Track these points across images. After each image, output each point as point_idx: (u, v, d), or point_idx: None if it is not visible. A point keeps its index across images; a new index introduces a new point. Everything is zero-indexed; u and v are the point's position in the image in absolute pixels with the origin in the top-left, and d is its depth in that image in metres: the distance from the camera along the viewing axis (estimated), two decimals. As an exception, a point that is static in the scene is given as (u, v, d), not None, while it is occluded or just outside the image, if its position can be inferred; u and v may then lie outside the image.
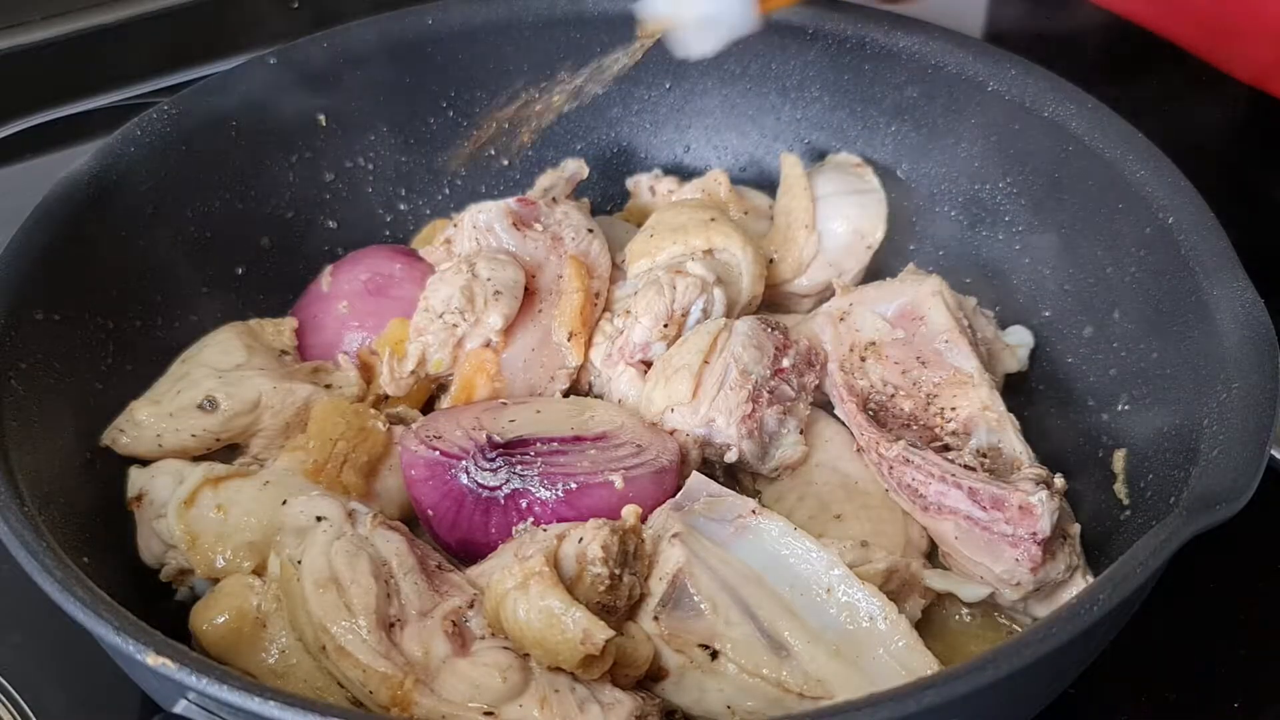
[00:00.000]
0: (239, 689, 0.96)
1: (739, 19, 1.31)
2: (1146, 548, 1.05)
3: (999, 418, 1.33)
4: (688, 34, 1.32)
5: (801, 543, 1.19)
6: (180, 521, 1.25)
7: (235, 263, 1.53)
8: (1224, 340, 1.23)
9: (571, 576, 1.14)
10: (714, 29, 1.31)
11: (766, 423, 1.33)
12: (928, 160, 1.60)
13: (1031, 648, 0.99)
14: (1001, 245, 1.56)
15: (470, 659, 1.10)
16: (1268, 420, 1.15)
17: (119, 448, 1.33)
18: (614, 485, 1.24)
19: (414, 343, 1.38)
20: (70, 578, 1.05)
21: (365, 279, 1.48)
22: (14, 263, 1.30)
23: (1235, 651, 1.34)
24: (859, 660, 1.13)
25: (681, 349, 1.35)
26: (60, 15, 2.02)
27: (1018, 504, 1.21)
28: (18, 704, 1.26)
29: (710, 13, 1.29)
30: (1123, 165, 1.40)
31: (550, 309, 1.40)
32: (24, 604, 1.20)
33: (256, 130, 1.53)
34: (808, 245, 1.53)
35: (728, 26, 1.31)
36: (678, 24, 1.31)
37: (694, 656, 1.15)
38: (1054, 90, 1.48)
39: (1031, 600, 1.26)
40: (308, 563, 1.15)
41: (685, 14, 1.29)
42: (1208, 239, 1.31)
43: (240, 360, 1.37)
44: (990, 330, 1.47)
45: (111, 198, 1.40)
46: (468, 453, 1.26)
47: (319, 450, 1.30)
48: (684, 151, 1.72)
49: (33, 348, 1.27)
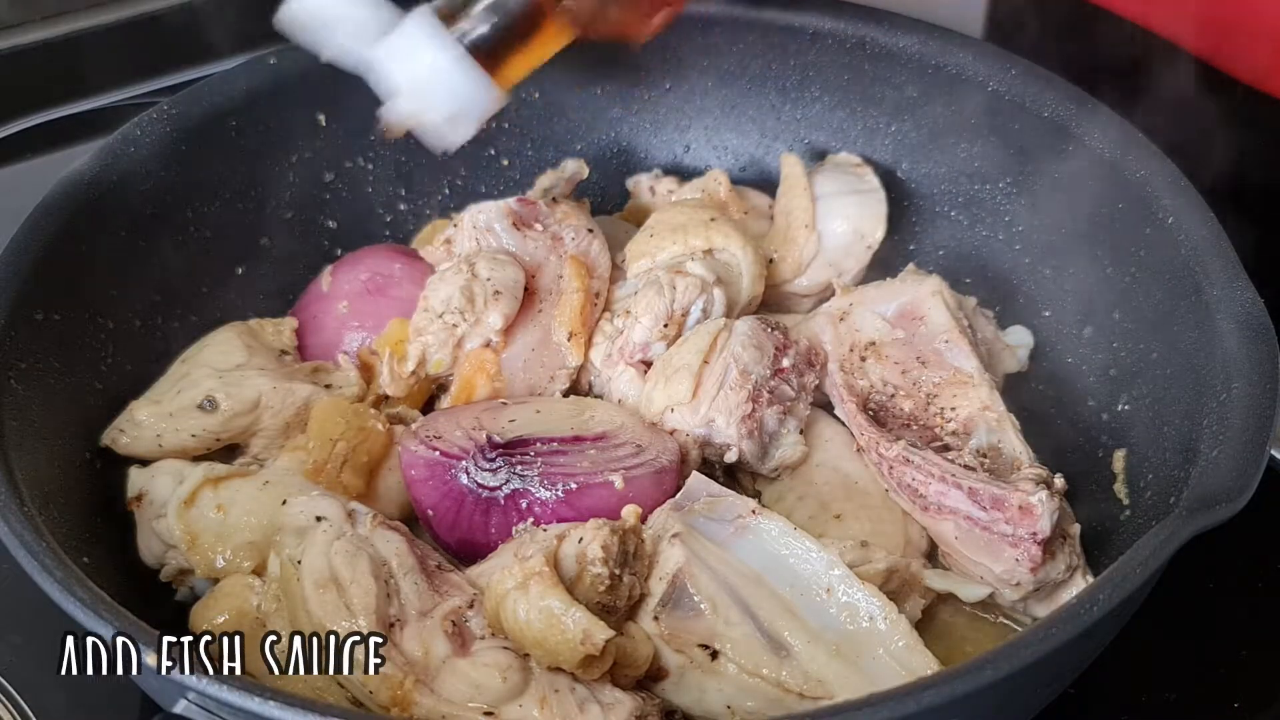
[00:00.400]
0: (239, 689, 0.96)
1: (486, 103, 1.28)
2: (1146, 548, 1.05)
3: (999, 418, 1.33)
4: (438, 129, 1.29)
5: (801, 543, 1.19)
6: (180, 521, 1.25)
7: (235, 263, 1.53)
8: (1224, 340, 1.23)
9: (571, 577, 1.14)
10: (464, 120, 1.28)
11: (766, 423, 1.33)
12: (928, 160, 1.60)
13: (1031, 648, 0.99)
14: (1001, 245, 1.56)
15: (470, 659, 1.10)
16: (1268, 420, 1.15)
17: (119, 448, 1.33)
18: (614, 485, 1.24)
19: (414, 343, 1.38)
20: (70, 578, 1.05)
21: (365, 279, 1.48)
22: (14, 263, 1.30)
23: (1235, 651, 1.34)
24: (859, 660, 1.13)
25: (681, 349, 1.35)
26: (60, 15, 2.01)
27: (1018, 504, 1.21)
28: (18, 704, 1.26)
29: (455, 109, 1.26)
30: (1123, 165, 1.40)
31: (550, 309, 1.40)
32: (24, 604, 1.20)
33: (256, 130, 1.53)
34: (808, 245, 1.53)
35: (476, 114, 1.28)
36: (424, 124, 1.28)
37: (694, 656, 1.15)
38: (1054, 90, 1.48)
39: (1031, 600, 1.26)
40: (308, 563, 1.15)
41: (430, 115, 1.27)
42: (1208, 239, 1.31)
43: (240, 360, 1.37)
44: (990, 330, 1.47)
45: (111, 198, 1.40)
46: (468, 453, 1.26)
47: (319, 450, 1.30)
48: (684, 151, 1.72)
49: (33, 348, 1.27)
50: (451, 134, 1.28)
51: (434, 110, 1.26)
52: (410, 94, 1.25)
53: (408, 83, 1.25)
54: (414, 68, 1.25)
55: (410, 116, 1.26)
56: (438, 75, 1.24)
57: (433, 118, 1.26)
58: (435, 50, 1.24)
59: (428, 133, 1.29)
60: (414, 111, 1.25)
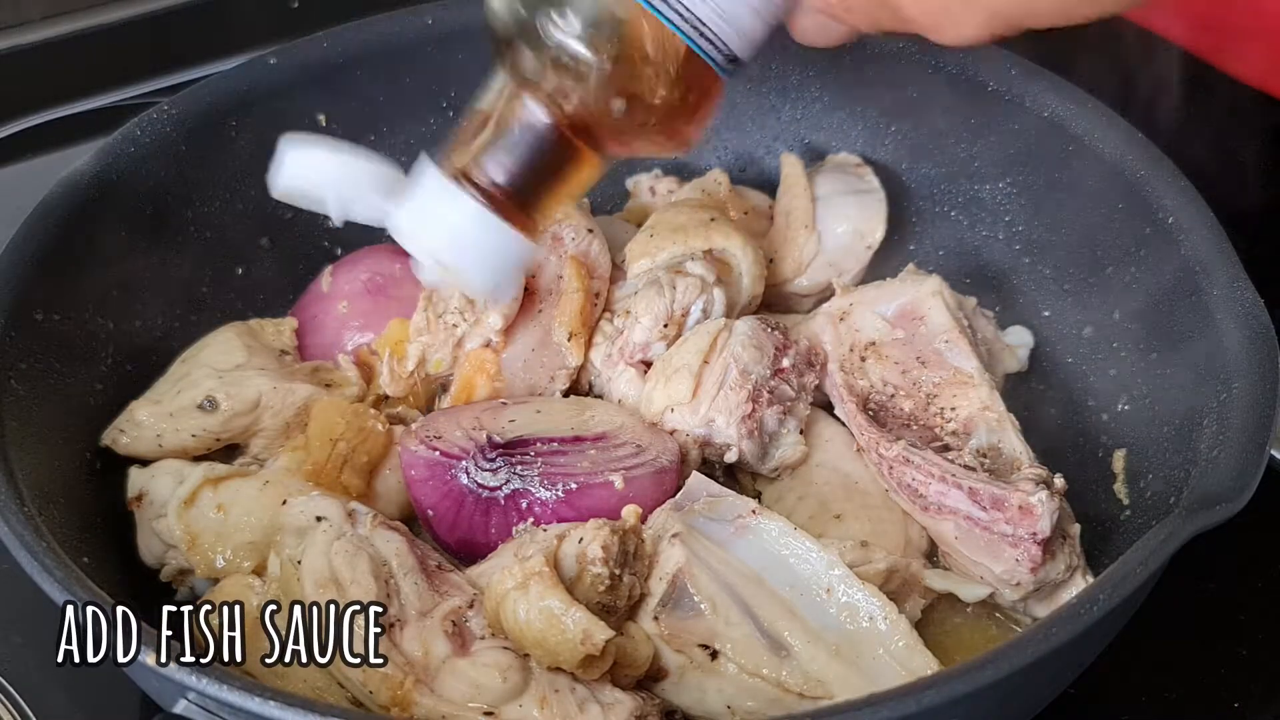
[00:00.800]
0: (239, 689, 0.96)
1: (517, 256, 1.19)
2: (1146, 548, 1.05)
3: (999, 418, 1.33)
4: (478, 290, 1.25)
5: (801, 543, 1.19)
6: (180, 521, 1.25)
7: (235, 263, 1.53)
8: (1224, 340, 1.23)
9: (571, 577, 1.14)
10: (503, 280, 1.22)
11: (766, 423, 1.33)
12: (928, 160, 1.60)
13: (1031, 648, 0.99)
14: (1001, 245, 1.56)
15: (470, 659, 1.10)
16: (1268, 420, 1.15)
17: (119, 448, 1.33)
18: (614, 485, 1.24)
19: (414, 343, 1.38)
20: (70, 578, 1.05)
21: (365, 279, 1.48)
22: (14, 263, 1.30)
23: (1235, 651, 1.34)
24: (859, 660, 1.13)
25: (681, 349, 1.35)
26: (60, 15, 2.01)
27: (1018, 504, 1.21)
28: (18, 704, 1.26)
29: (488, 270, 1.18)
30: (1123, 165, 1.40)
31: (550, 309, 1.40)
32: (24, 604, 1.20)
33: (256, 130, 1.53)
34: (808, 245, 1.53)
35: (511, 268, 1.21)
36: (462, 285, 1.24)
37: (694, 656, 1.15)
38: (1054, 90, 1.48)
39: (1031, 600, 1.26)
40: (308, 563, 1.15)
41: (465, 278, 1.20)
42: (1208, 239, 1.31)
43: (240, 360, 1.37)
44: (990, 330, 1.47)
45: (111, 198, 1.40)
46: (468, 453, 1.26)
47: (319, 450, 1.30)
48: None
49: (33, 348, 1.27)
50: (494, 288, 1.24)
51: (468, 271, 1.18)
52: (438, 261, 1.18)
53: (432, 247, 1.18)
54: (435, 231, 1.17)
55: (445, 277, 1.20)
56: (462, 238, 1.16)
57: (470, 278, 1.20)
58: (453, 212, 1.15)
59: (469, 290, 1.27)
60: (448, 274, 1.19)
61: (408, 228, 1.18)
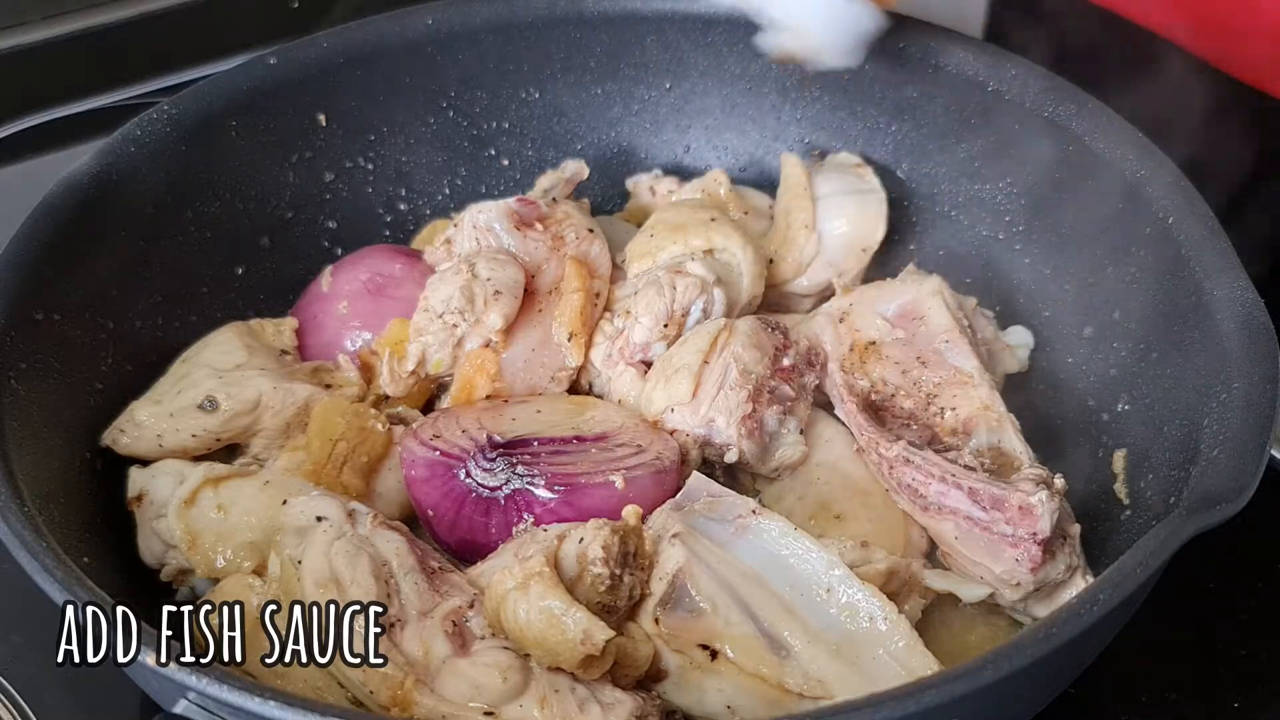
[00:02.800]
0: (239, 689, 0.96)
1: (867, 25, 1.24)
2: (1146, 548, 1.06)
3: (999, 418, 1.33)
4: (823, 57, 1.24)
5: (802, 543, 1.19)
6: (180, 521, 1.25)
7: (235, 263, 1.53)
8: (1224, 340, 1.23)
9: (572, 577, 1.14)
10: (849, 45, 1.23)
11: (766, 423, 1.33)
12: (928, 160, 1.60)
13: (1031, 648, 0.99)
14: (1001, 245, 1.56)
15: (470, 659, 1.10)
16: (1268, 420, 1.15)
17: (119, 448, 1.33)
18: (614, 485, 1.24)
19: (414, 343, 1.38)
20: (70, 578, 1.05)
21: (365, 279, 1.48)
22: (14, 263, 1.30)
23: (1235, 651, 1.34)
24: (859, 660, 1.13)
25: (681, 349, 1.36)
26: (60, 15, 2.02)
27: (1018, 504, 1.21)
28: (18, 704, 1.26)
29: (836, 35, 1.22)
30: (1123, 165, 1.40)
31: (550, 309, 1.40)
32: (24, 604, 1.20)
33: (256, 130, 1.53)
34: (808, 245, 1.53)
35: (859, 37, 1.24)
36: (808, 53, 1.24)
37: (694, 656, 1.15)
38: (1054, 90, 1.48)
39: (1031, 600, 1.26)
40: (308, 563, 1.15)
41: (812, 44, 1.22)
42: (1208, 239, 1.31)
43: (240, 360, 1.37)
44: (990, 330, 1.47)
45: (111, 198, 1.40)
46: (468, 453, 1.26)
47: (319, 450, 1.30)
48: (684, 151, 1.72)
49: (33, 348, 1.27)
50: (840, 60, 1.25)
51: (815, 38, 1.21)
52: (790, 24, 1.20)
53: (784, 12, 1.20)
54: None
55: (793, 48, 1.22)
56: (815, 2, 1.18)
57: (815, 45, 1.22)
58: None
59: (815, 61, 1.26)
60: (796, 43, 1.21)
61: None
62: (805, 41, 1.21)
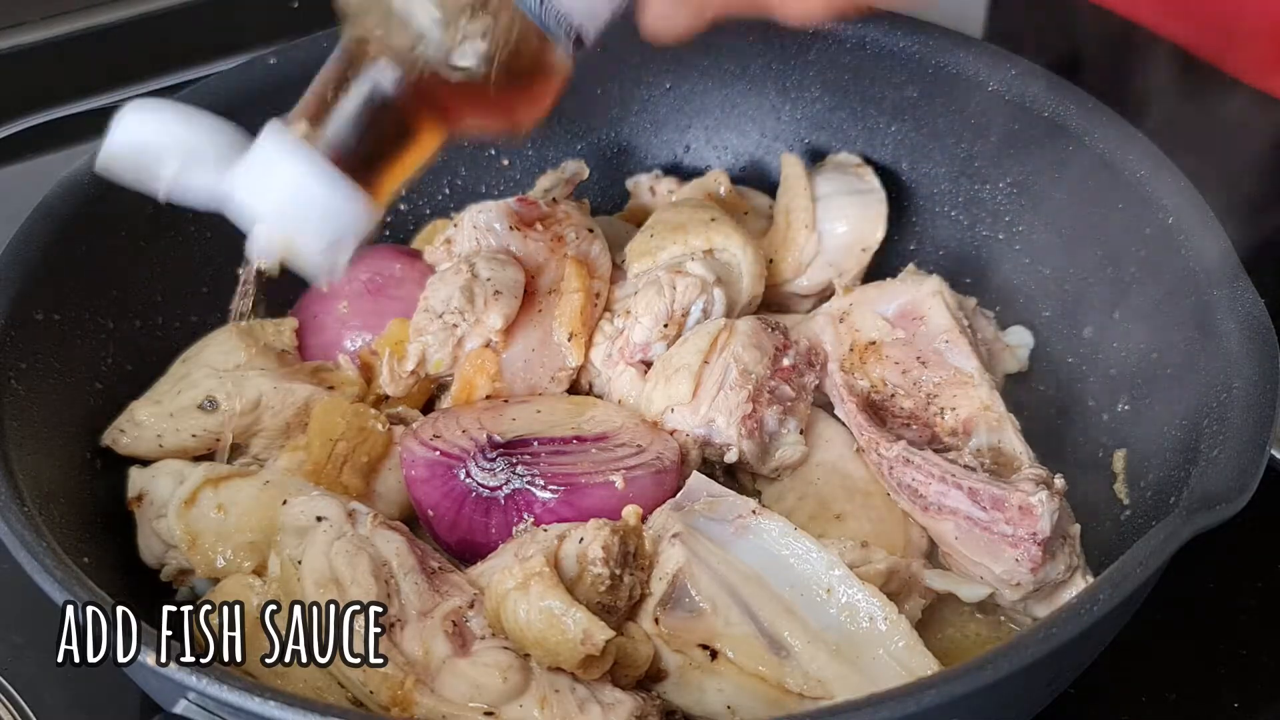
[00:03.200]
0: (239, 689, 0.96)
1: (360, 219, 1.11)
2: (1146, 548, 1.05)
3: (999, 418, 1.33)
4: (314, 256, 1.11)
5: (802, 543, 1.19)
6: (180, 521, 1.25)
7: (235, 263, 1.52)
8: (1224, 340, 1.23)
9: (572, 577, 1.14)
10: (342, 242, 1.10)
11: (767, 423, 1.33)
12: (928, 160, 1.60)
13: (1031, 648, 0.99)
14: (1002, 245, 1.55)
15: (470, 659, 1.10)
16: (1268, 420, 1.15)
17: (119, 448, 1.33)
18: (614, 485, 1.24)
19: (414, 343, 1.38)
20: (70, 578, 1.05)
21: (365, 279, 1.48)
22: (14, 263, 1.30)
23: (1235, 651, 1.34)
24: (859, 660, 1.13)
25: (681, 349, 1.36)
26: (60, 15, 2.01)
27: (1018, 504, 1.21)
28: (18, 704, 1.26)
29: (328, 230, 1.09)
30: (1123, 165, 1.40)
31: (550, 309, 1.40)
32: (24, 604, 1.20)
33: (256, 130, 1.53)
34: (808, 245, 1.53)
35: (352, 232, 1.11)
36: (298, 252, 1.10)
37: (694, 657, 1.15)
38: (1054, 90, 1.48)
39: (1031, 600, 1.26)
40: (308, 563, 1.15)
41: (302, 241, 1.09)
42: (1208, 239, 1.31)
43: (240, 360, 1.37)
44: (990, 330, 1.47)
45: (111, 198, 1.39)
46: (468, 453, 1.26)
47: (319, 450, 1.30)
48: (684, 151, 1.72)
49: (33, 348, 1.27)
50: (330, 259, 1.12)
51: (305, 235, 1.09)
52: (276, 220, 1.09)
53: (270, 209, 1.09)
54: (274, 190, 1.09)
55: (280, 245, 1.10)
56: (303, 195, 1.08)
57: (306, 243, 1.10)
58: (296, 166, 1.08)
59: (304, 261, 1.11)
60: (284, 240, 1.09)
61: (242, 190, 1.10)
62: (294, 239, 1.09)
